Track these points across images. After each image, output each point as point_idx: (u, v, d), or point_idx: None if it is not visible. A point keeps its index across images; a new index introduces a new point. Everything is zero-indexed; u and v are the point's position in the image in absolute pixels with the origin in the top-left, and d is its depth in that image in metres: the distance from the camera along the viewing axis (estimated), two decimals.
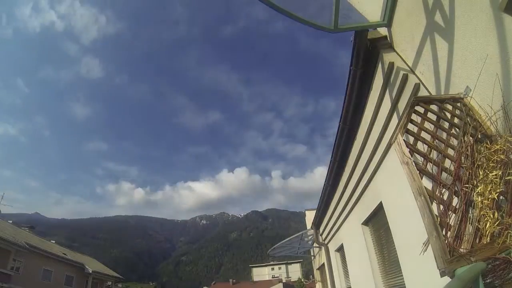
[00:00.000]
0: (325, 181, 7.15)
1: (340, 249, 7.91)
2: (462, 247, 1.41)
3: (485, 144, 1.78)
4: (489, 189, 1.52)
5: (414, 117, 2.17)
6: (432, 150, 1.94)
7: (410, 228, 3.28)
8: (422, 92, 2.81)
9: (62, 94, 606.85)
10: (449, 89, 2.43)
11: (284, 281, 58.65)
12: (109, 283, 30.96)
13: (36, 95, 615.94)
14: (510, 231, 1.33)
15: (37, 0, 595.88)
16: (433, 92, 2.66)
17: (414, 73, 2.98)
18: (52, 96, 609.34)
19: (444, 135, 2.07)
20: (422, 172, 1.75)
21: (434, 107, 2.26)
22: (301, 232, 12.88)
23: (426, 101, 2.26)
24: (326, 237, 9.40)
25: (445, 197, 1.63)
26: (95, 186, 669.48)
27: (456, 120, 2.14)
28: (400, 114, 3.20)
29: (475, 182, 1.61)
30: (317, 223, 10.03)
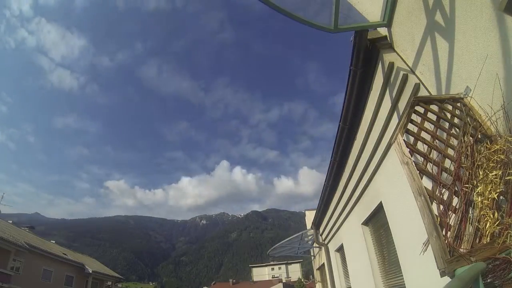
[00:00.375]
0: (325, 181, 7.15)
1: (340, 249, 7.91)
2: (462, 247, 1.41)
3: (485, 144, 1.78)
4: (489, 189, 1.52)
5: (414, 117, 2.17)
6: (432, 150, 1.94)
7: (410, 228, 3.28)
8: (422, 92, 2.81)
9: (43, 104, 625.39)
10: (449, 89, 2.43)
11: (284, 281, 58.67)
12: (109, 283, 30.94)
13: (19, 105, 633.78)
14: (510, 231, 1.33)
15: (8, 19, 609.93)
16: (433, 92, 2.66)
17: (414, 73, 2.98)
18: (34, 105, 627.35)
19: (444, 135, 2.07)
20: (422, 172, 1.75)
21: (434, 107, 2.26)
22: (301, 232, 12.88)
23: (426, 101, 2.26)
24: (326, 237, 9.40)
25: (445, 197, 1.63)
26: (82, 188, 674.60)
27: (456, 120, 2.14)
28: (400, 114, 3.20)
29: (475, 182, 1.61)
30: (317, 223, 10.03)
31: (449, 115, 2.19)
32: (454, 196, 1.63)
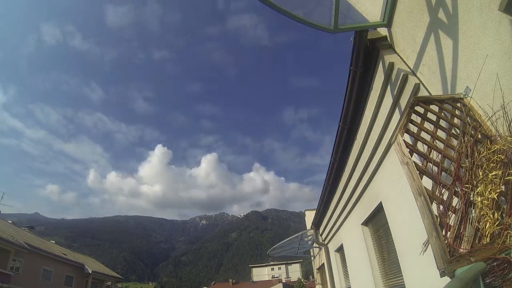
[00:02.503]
0: (325, 181, 7.14)
1: (340, 250, 7.91)
2: (462, 247, 1.41)
3: (485, 145, 1.78)
4: (489, 189, 1.52)
5: (414, 117, 2.17)
6: (432, 150, 1.94)
7: (410, 228, 3.28)
8: (422, 92, 2.81)
9: None
10: (449, 89, 2.43)
11: (284, 281, 58.66)
12: (109, 283, 30.93)
13: None
14: (509, 231, 1.33)
15: None
16: (433, 92, 2.66)
17: (414, 74, 2.98)
18: None
19: (444, 136, 2.07)
20: (422, 172, 1.75)
21: (434, 107, 2.26)
22: (301, 232, 12.87)
23: (426, 101, 2.26)
24: (326, 237, 9.40)
25: (445, 197, 1.63)
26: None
27: (456, 121, 2.14)
28: (400, 115, 3.20)
29: (475, 183, 1.61)
30: (317, 223, 10.03)
31: (449, 115, 2.19)
32: (454, 196, 1.63)
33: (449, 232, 1.48)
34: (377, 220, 4.89)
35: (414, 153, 1.91)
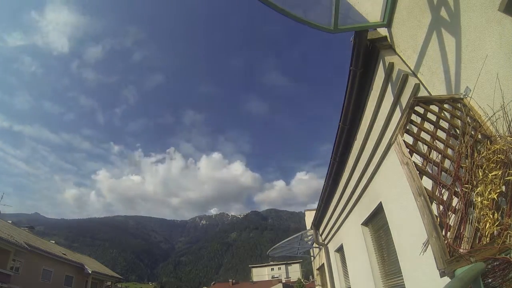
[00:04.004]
0: (325, 181, 7.14)
1: (340, 250, 7.91)
2: (462, 248, 1.41)
3: (485, 145, 1.78)
4: (489, 190, 1.52)
5: (414, 117, 2.17)
6: (432, 150, 1.94)
7: (410, 229, 3.28)
8: (422, 93, 2.81)
9: None
10: (449, 89, 2.43)
11: (283, 281, 58.65)
12: (109, 283, 30.92)
13: None
14: (509, 231, 1.34)
15: None
16: (433, 93, 2.66)
17: (414, 74, 2.98)
18: None
19: (444, 136, 2.07)
20: (422, 172, 1.75)
21: (434, 107, 2.26)
22: (301, 232, 12.88)
23: (426, 102, 2.26)
24: (326, 237, 9.40)
25: (445, 198, 1.63)
26: None
27: (456, 121, 2.14)
28: (400, 115, 3.20)
29: (475, 183, 1.61)
30: (316, 223, 10.03)
31: (448, 116, 2.19)
32: (454, 196, 1.63)
33: (449, 232, 1.48)
34: (377, 220, 4.89)
35: (414, 153, 1.91)
